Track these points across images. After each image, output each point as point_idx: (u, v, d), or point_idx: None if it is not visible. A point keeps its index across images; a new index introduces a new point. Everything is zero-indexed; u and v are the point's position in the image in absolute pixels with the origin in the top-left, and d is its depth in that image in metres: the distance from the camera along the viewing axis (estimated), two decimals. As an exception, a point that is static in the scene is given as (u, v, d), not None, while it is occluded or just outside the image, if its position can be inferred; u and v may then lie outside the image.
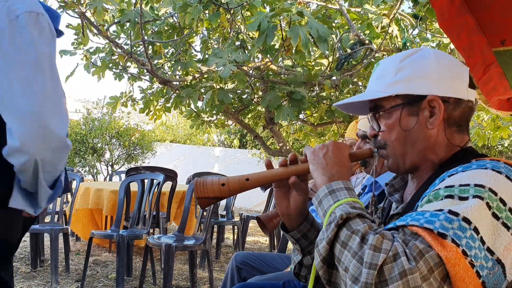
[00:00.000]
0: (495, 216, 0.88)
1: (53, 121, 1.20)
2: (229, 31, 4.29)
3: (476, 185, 0.90)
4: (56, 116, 1.22)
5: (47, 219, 4.56)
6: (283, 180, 1.15)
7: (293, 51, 3.20)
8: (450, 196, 0.90)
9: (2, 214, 1.27)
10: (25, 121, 1.16)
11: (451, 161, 1.06)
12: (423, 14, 4.05)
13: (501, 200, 0.89)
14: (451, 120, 1.07)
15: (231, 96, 4.42)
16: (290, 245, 5.91)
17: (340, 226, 0.91)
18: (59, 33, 1.38)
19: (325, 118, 5.79)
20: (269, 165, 1.19)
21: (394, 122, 1.09)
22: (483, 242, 0.86)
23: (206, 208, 4.47)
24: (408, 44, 4.01)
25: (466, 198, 0.89)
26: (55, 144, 1.22)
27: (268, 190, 5.27)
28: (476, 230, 0.86)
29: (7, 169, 1.24)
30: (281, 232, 1.27)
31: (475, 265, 0.84)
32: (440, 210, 0.88)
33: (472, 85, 1.09)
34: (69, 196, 5.67)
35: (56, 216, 4.21)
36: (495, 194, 0.89)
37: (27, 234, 4.04)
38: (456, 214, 0.87)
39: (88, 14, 4.17)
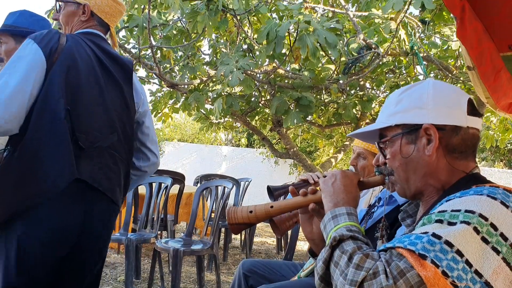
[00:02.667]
0: (484, 240, 0.91)
1: None
2: (237, 35, 4.31)
3: (466, 211, 0.94)
4: None
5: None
6: (304, 207, 1.26)
7: (302, 58, 3.21)
8: (440, 221, 0.95)
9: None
10: (157, 148, 2.09)
11: (455, 186, 1.09)
12: (431, 18, 4.04)
13: (492, 225, 0.92)
14: (450, 147, 1.11)
15: (238, 101, 4.45)
16: (296, 253, 5.94)
17: (334, 247, 0.99)
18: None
19: (333, 120, 5.80)
20: (293, 193, 1.31)
21: (396, 150, 1.15)
22: (469, 265, 0.89)
23: (214, 209, 4.52)
24: (415, 47, 3.99)
25: (454, 224, 0.93)
26: None
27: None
28: (459, 253, 0.89)
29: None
30: (289, 235, 1.37)
31: (459, 286, 0.87)
32: (425, 232, 0.93)
33: (475, 113, 1.12)
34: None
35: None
36: (486, 219, 0.92)
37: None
38: (439, 237, 0.91)
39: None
